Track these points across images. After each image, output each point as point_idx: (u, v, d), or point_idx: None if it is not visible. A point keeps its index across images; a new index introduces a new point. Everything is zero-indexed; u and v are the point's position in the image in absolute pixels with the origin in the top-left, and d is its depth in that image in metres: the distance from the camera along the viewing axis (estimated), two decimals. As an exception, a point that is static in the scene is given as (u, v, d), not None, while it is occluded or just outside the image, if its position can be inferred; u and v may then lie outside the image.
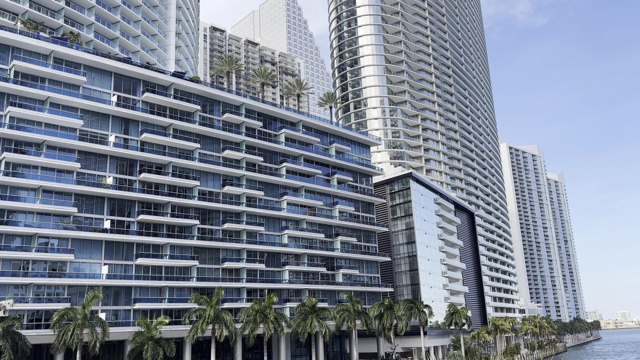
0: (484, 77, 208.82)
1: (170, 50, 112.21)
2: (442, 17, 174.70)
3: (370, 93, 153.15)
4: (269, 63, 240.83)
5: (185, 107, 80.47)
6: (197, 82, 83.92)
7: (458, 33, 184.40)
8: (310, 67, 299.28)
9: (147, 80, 78.22)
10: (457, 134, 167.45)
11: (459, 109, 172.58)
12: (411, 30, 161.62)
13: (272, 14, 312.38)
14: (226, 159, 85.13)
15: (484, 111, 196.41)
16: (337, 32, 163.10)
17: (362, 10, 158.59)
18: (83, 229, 68.47)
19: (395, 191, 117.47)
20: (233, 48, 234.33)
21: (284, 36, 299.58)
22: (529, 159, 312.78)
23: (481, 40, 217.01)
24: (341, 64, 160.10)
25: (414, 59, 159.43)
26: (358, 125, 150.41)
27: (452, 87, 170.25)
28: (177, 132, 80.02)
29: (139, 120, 76.51)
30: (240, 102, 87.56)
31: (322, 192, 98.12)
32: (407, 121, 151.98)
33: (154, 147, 77.30)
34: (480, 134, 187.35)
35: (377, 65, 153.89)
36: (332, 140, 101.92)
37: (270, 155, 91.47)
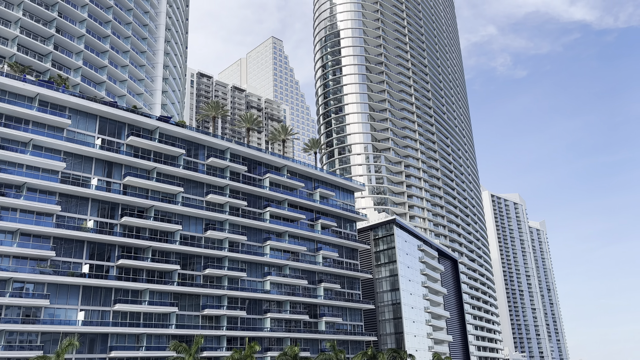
0: (466, 126, 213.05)
1: (157, 94, 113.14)
2: (424, 67, 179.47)
3: (355, 140, 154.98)
4: (255, 109, 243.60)
5: (170, 151, 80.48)
6: (183, 127, 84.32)
7: (440, 83, 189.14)
8: (295, 113, 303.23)
9: (132, 124, 78.39)
10: (440, 181, 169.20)
11: (442, 156, 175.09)
12: (394, 80, 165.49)
13: (259, 62, 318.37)
14: (209, 203, 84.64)
15: (465, 159, 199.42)
16: (323, 80, 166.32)
17: (347, 60, 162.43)
18: (60, 274, 66.83)
19: (379, 237, 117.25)
20: (220, 94, 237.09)
21: (270, 83, 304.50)
22: (510, 207, 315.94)
23: (462, 91, 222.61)
24: (326, 111, 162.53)
25: (397, 108, 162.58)
26: (342, 171, 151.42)
27: (435, 136, 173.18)
28: (160, 175, 79.70)
29: (122, 163, 76.19)
30: (225, 146, 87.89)
31: (305, 238, 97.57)
32: (391, 168, 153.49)
33: (136, 190, 76.72)
34: (463, 181, 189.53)
35: (361, 113, 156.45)
36: (316, 185, 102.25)
37: (254, 199, 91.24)
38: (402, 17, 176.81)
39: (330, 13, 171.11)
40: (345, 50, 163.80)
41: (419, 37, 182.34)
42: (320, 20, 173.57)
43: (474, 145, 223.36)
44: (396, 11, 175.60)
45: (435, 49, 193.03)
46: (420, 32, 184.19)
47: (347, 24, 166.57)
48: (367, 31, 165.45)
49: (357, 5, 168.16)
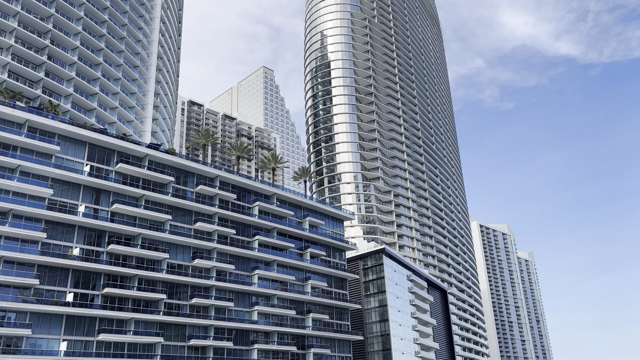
0: (454, 157, 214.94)
1: (147, 122, 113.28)
2: (413, 98, 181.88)
3: (344, 169, 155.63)
4: (245, 137, 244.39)
5: (159, 178, 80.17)
6: (172, 154, 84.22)
7: (429, 114, 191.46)
8: (286, 141, 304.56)
9: (121, 151, 78.20)
10: (429, 210, 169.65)
11: (431, 186, 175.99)
12: (384, 110, 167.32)
13: (250, 91, 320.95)
14: (198, 231, 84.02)
15: (454, 189, 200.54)
16: (313, 109, 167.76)
17: (338, 90, 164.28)
18: (43, 302, 65.50)
19: (369, 267, 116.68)
20: (210, 122, 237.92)
21: (261, 112, 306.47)
22: (499, 238, 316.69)
23: (451, 121, 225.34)
24: (316, 140, 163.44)
25: (387, 137, 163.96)
26: (332, 200, 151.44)
27: (424, 166, 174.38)
28: (149, 203, 79.18)
29: (110, 190, 75.68)
30: (215, 174, 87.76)
31: (294, 267, 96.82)
32: (380, 197, 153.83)
33: (124, 218, 76.07)
34: (452, 211, 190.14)
35: (351, 142, 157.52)
36: (305, 214, 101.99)
37: (243, 227, 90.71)
38: (391, 50, 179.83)
39: (321, 44, 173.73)
40: (335, 80, 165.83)
41: (408, 68, 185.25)
42: (311, 51, 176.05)
43: (462, 175, 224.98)
44: (386, 43, 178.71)
45: (424, 80, 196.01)
46: (409, 63, 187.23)
47: (338, 55, 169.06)
48: (357, 62, 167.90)
49: (348, 37, 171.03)
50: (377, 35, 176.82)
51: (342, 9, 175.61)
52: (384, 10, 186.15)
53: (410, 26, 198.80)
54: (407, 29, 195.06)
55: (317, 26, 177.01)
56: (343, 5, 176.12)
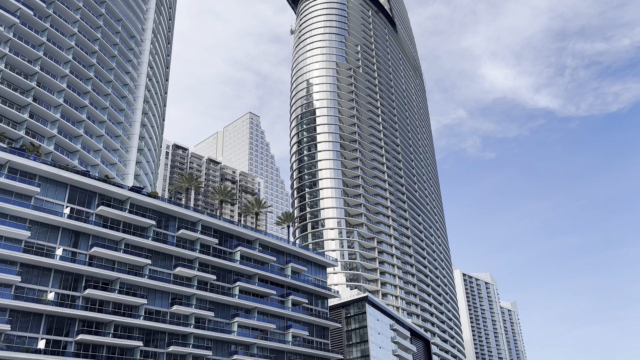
0: (437, 205, 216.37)
1: (131, 165, 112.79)
2: (396, 146, 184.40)
3: (328, 214, 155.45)
4: (229, 181, 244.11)
5: (140, 222, 79.20)
6: (155, 197, 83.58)
7: (412, 162, 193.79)
8: (270, 186, 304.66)
9: (103, 193, 77.43)
10: (413, 258, 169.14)
11: (414, 233, 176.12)
12: (368, 157, 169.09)
13: (235, 136, 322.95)
14: (177, 277, 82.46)
15: (437, 237, 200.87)
16: (298, 155, 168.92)
17: (322, 136, 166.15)
18: (13, 349, 63.04)
19: (351, 315, 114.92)
20: (194, 165, 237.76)
21: (245, 156, 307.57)
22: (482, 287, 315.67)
23: (433, 170, 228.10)
24: (300, 185, 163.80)
25: (371, 184, 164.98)
26: (315, 246, 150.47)
27: (407, 213, 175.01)
28: (129, 247, 77.88)
29: (90, 233, 74.43)
30: (197, 218, 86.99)
31: (275, 314, 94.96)
32: (364, 243, 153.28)
33: (102, 261, 74.54)
34: (435, 259, 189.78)
35: (335, 188, 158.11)
36: (288, 259, 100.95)
37: (224, 273, 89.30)
38: (375, 99, 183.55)
39: (306, 92, 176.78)
40: (320, 127, 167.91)
41: (391, 117, 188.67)
42: (297, 98, 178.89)
43: (445, 223, 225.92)
44: (370, 93, 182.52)
45: (407, 129, 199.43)
46: (392, 112, 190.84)
47: (323, 102, 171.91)
48: (342, 110, 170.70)
49: (333, 86, 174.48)
50: (361, 85, 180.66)
51: (328, 58, 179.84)
52: (369, 61, 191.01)
53: (394, 77, 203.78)
54: (391, 80, 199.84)
55: (304, 74, 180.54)
56: (329, 56, 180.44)
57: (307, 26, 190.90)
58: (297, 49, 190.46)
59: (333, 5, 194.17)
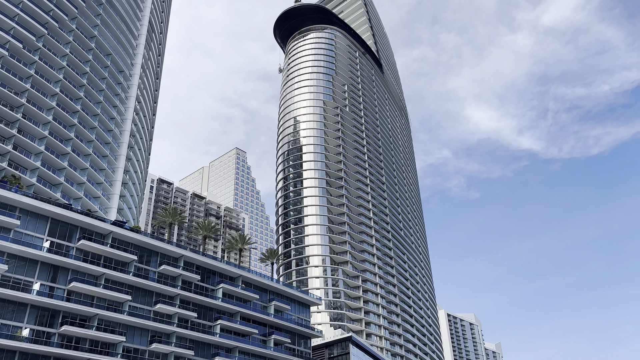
0: (422, 243, 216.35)
1: (114, 199, 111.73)
2: (382, 184, 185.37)
3: (313, 251, 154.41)
4: (214, 217, 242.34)
5: (122, 256, 77.92)
6: (137, 232, 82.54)
7: (397, 200, 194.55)
8: (255, 222, 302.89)
9: (85, 227, 76.32)
10: (397, 297, 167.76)
11: (399, 272, 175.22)
12: (353, 195, 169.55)
13: (221, 171, 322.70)
14: (157, 314, 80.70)
15: (422, 276, 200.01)
16: (284, 191, 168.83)
17: (309, 173, 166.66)
18: (-17, 388, 60.68)
19: (334, 356, 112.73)
20: (179, 200, 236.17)
21: (231, 192, 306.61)
22: (467, 328, 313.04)
23: (419, 209, 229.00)
24: (285, 222, 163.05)
25: (356, 222, 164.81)
26: (299, 284, 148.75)
27: (392, 251, 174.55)
28: (109, 282, 76.32)
29: (69, 268, 72.94)
30: (180, 254, 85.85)
31: (257, 354, 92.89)
32: (348, 282, 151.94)
33: (81, 297, 72.81)
34: (420, 299, 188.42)
35: (320, 225, 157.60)
36: (271, 297, 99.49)
37: (205, 311, 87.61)
38: (361, 137, 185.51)
39: (294, 129, 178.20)
40: (307, 164, 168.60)
41: (377, 155, 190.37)
42: (284, 135, 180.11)
43: (430, 262, 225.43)
44: (356, 131, 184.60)
45: (393, 167, 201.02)
46: (378, 151, 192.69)
47: (310, 140, 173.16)
48: (328, 147, 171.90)
49: (320, 124, 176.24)
50: (348, 123, 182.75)
51: (315, 97, 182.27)
52: (355, 100, 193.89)
53: (380, 116, 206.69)
54: (377, 119, 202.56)
55: (291, 112, 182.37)
56: (316, 94, 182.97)
57: (296, 65, 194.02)
58: (285, 86, 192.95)
59: (321, 45, 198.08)
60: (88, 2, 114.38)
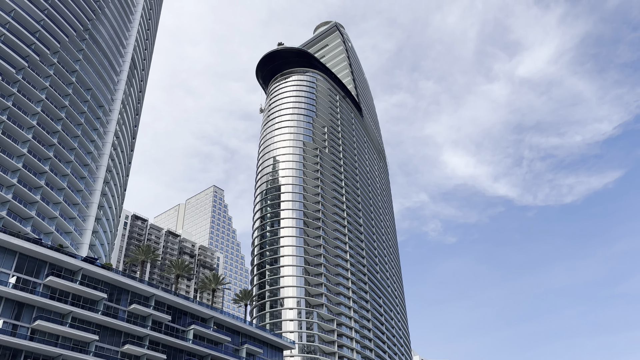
0: (398, 287, 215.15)
1: (87, 234, 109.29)
2: (359, 226, 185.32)
3: (288, 293, 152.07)
4: (187, 255, 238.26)
5: (91, 294, 75.67)
6: (109, 269, 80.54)
7: (374, 243, 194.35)
8: (229, 262, 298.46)
9: (54, 263, 74.24)
10: (372, 342, 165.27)
11: (374, 316, 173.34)
12: (331, 236, 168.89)
13: (197, 209, 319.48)
14: (125, 355, 77.94)
15: (397, 320, 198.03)
16: (260, 230, 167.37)
17: (286, 213, 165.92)
18: None
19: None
20: (153, 237, 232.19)
21: (206, 230, 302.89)
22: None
23: (395, 252, 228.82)
24: (261, 262, 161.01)
25: (332, 264, 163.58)
26: (273, 326, 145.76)
27: (368, 295, 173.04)
28: (76, 320, 73.79)
29: (35, 305, 70.44)
30: (151, 293, 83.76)
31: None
32: (323, 325, 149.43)
33: (45, 336, 70.08)
34: (394, 344, 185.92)
35: (296, 266, 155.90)
36: (244, 340, 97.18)
37: (175, 352, 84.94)
38: (340, 179, 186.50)
39: (272, 169, 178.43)
40: (284, 204, 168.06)
41: (355, 197, 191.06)
42: (263, 174, 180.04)
43: (405, 306, 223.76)
44: (335, 172, 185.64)
45: (370, 210, 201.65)
46: (356, 193, 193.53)
47: (288, 180, 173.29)
48: (306, 188, 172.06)
49: (299, 164, 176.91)
50: (327, 165, 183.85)
51: (295, 137, 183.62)
52: (335, 142, 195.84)
53: (359, 159, 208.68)
54: (356, 161, 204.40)
55: (271, 151, 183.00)
56: (296, 135, 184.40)
57: (277, 105, 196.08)
58: (265, 126, 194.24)
59: (302, 87, 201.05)
60: (71, 36, 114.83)
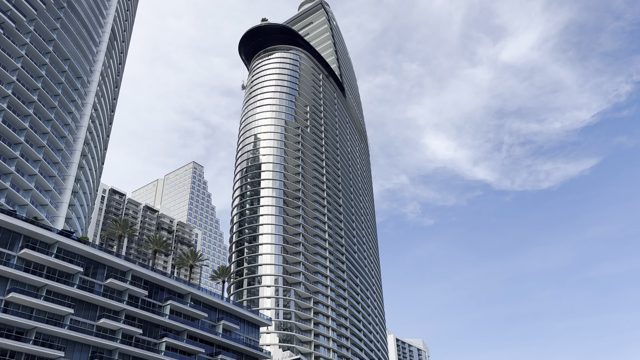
0: (375, 267, 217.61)
1: (63, 207, 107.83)
2: (339, 207, 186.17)
3: (266, 271, 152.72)
4: (165, 231, 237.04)
5: (66, 268, 75.01)
6: (85, 243, 79.79)
7: (353, 223, 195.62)
8: (208, 239, 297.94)
9: (29, 235, 73.25)
10: (348, 321, 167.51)
11: (350, 295, 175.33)
12: (310, 215, 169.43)
13: (176, 185, 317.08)
14: (101, 329, 77.78)
15: (373, 300, 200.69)
16: (240, 208, 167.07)
17: (266, 191, 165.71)
18: None
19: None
20: (130, 212, 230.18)
21: (185, 206, 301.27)
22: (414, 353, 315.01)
23: (373, 232, 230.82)
24: (240, 239, 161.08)
25: (311, 243, 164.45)
26: (250, 303, 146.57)
27: (345, 274, 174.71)
28: (50, 294, 73.20)
29: (9, 277, 69.62)
30: (128, 268, 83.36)
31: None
32: (300, 303, 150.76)
33: (19, 308, 69.46)
34: (370, 322, 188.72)
35: (275, 244, 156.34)
36: (220, 316, 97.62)
37: (151, 327, 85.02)
38: (321, 159, 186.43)
39: (253, 147, 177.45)
40: (265, 182, 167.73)
41: (335, 177, 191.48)
42: (243, 151, 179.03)
43: (381, 287, 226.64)
44: (316, 152, 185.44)
45: (350, 190, 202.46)
46: (337, 173, 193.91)
47: (269, 158, 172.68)
48: (287, 167, 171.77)
49: (280, 143, 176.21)
50: (308, 144, 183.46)
51: (277, 116, 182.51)
52: (317, 122, 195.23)
53: (340, 139, 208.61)
54: (337, 142, 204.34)
55: (252, 129, 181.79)
56: (278, 113, 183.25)
57: (259, 82, 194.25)
58: (247, 103, 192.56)
59: (285, 65, 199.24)
60: (48, 4, 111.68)
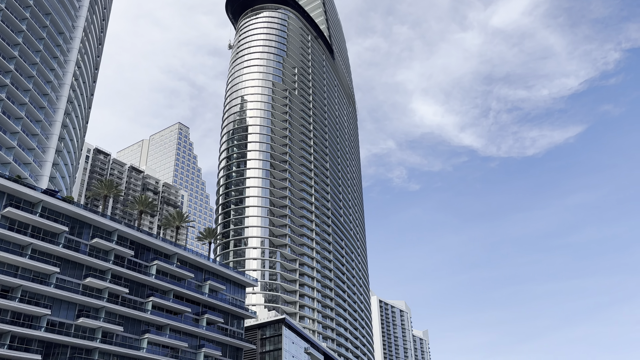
0: (360, 230, 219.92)
1: (47, 166, 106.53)
2: (325, 170, 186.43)
3: (252, 233, 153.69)
4: (151, 192, 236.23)
5: (51, 227, 74.68)
6: (70, 202, 79.26)
7: (339, 187, 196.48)
8: (194, 200, 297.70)
9: (12, 194, 72.51)
10: (332, 282, 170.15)
11: (335, 257, 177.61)
12: (297, 178, 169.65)
13: (162, 145, 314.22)
14: (87, 287, 78.15)
15: (358, 262, 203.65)
16: (226, 170, 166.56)
17: (253, 154, 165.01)
18: None
19: (267, 337, 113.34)
20: (115, 172, 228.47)
21: (171, 168, 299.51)
22: (397, 315, 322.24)
23: (359, 197, 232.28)
24: (226, 201, 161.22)
25: (297, 206, 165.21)
26: (236, 264, 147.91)
27: (331, 237, 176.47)
28: (36, 252, 73.06)
29: (-7, 235, 69.17)
30: (113, 227, 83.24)
31: (188, 333, 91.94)
32: (286, 265, 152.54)
33: (5, 267, 69.38)
34: (354, 284, 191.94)
35: (261, 207, 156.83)
36: (207, 277, 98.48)
37: (137, 287, 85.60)
38: (308, 122, 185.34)
39: (240, 108, 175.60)
40: (251, 144, 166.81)
41: (322, 141, 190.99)
42: (230, 113, 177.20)
43: (366, 250, 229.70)
44: (304, 115, 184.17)
45: (337, 154, 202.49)
46: (324, 137, 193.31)
47: (256, 120, 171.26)
48: (274, 130, 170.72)
49: (268, 105, 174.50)
50: (296, 107, 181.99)
51: (265, 77, 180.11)
52: (305, 84, 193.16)
53: (328, 102, 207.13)
54: (325, 105, 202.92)
55: (239, 90, 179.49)
56: (266, 75, 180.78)
57: (247, 43, 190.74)
58: (234, 64, 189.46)
59: (273, 25, 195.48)
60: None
